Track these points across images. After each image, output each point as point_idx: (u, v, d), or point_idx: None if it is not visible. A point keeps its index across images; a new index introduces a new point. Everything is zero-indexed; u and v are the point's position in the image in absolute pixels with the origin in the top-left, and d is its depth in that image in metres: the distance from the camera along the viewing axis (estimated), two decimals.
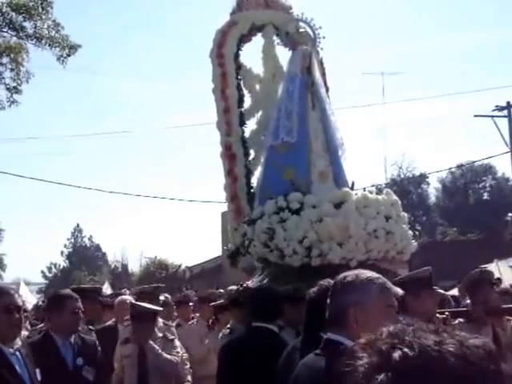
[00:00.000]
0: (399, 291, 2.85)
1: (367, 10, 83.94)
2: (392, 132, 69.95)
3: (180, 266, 33.68)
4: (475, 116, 28.95)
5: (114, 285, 29.20)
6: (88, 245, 70.78)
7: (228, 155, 7.88)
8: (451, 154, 61.74)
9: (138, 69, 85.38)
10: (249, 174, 7.94)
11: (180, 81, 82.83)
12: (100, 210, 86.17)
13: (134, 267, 46.83)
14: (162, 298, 7.18)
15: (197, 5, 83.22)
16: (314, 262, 6.44)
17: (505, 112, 27.43)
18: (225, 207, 8.37)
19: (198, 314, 7.76)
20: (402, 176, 56.48)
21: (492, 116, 27.68)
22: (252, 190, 7.82)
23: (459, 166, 50.81)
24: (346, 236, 6.52)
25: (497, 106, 27.50)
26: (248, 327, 4.93)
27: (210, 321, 7.10)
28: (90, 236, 70.08)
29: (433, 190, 60.32)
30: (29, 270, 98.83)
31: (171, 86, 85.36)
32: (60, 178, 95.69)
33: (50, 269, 66.62)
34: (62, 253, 67.86)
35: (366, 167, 51.14)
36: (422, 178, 54.07)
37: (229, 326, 5.87)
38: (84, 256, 66.32)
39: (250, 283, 7.01)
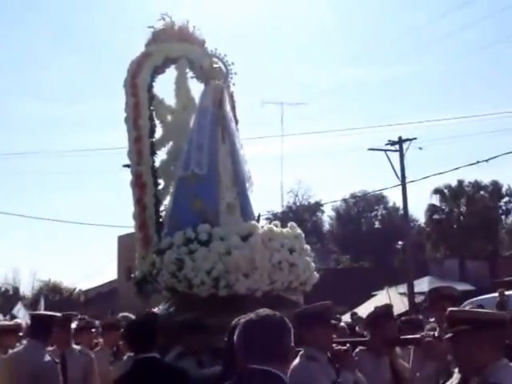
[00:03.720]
0: None
1: (271, 39, 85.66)
2: (289, 160, 71.29)
3: (74, 290, 33.03)
4: (369, 149, 30.20)
5: (3, 308, 28.24)
6: None
7: (138, 184, 7.99)
8: (346, 183, 63.65)
9: (38, 88, 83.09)
10: (158, 203, 8.07)
11: (79, 103, 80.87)
12: None
13: (26, 290, 45.49)
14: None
15: (107, 27, 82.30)
16: (221, 293, 6.65)
17: (397, 147, 28.76)
18: (122, 231, 8.46)
19: (101, 341, 7.77)
20: (298, 204, 57.64)
21: (385, 150, 28.99)
22: (161, 220, 7.96)
23: (353, 196, 52.45)
24: (251, 268, 6.77)
25: (389, 141, 28.83)
26: (135, 359, 5.01)
27: (115, 348, 7.15)
28: None
29: (327, 218, 61.87)
30: None
31: (71, 108, 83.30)
32: None
33: None
34: None
35: (263, 194, 51.74)
36: (317, 206, 55.34)
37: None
38: None
39: (156, 310, 7.15)
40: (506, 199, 57.57)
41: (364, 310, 19.16)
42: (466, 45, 67.44)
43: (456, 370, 3.81)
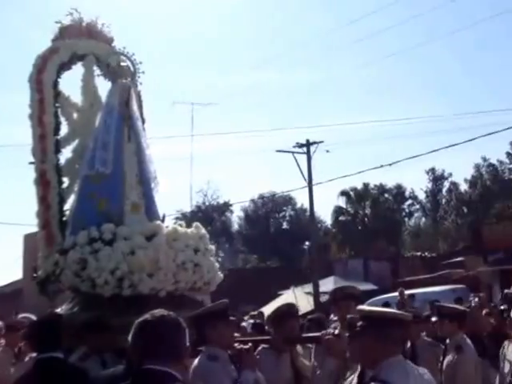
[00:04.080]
0: None
1: (184, 39, 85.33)
2: (199, 160, 71.29)
3: None
4: (277, 151, 30.59)
5: None
6: None
7: (42, 182, 7.83)
8: (255, 184, 64.14)
9: None
10: (62, 202, 7.93)
11: None
12: None
13: None
14: None
15: (13, 20, 79.73)
16: (125, 293, 6.63)
17: (304, 149, 29.28)
18: (28, 229, 8.29)
19: (2, 342, 7.59)
20: (207, 203, 57.65)
21: (292, 152, 29.47)
22: (64, 218, 7.83)
23: (261, 197, 52.90)
24: (156, 268, 6.78)
25: (297, 143, 29.32)
26: (36, 359, 4.95)
27: (17, 349, 7.02)
28: None
29: (236, 218, 62.16)
30: None
31: None
32: None
33: None
34: None
35: (172, 194, 51.51)
36: (226, 206, 55.51)
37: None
38: None
39: (60, 310, 7.05)
40: (409, 202, 59.50)
41: (271, 309, 19.39)
42: (378, 50, 69.20)
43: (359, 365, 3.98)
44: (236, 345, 5.07)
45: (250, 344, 5.16)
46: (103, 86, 8.47)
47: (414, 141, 77.44)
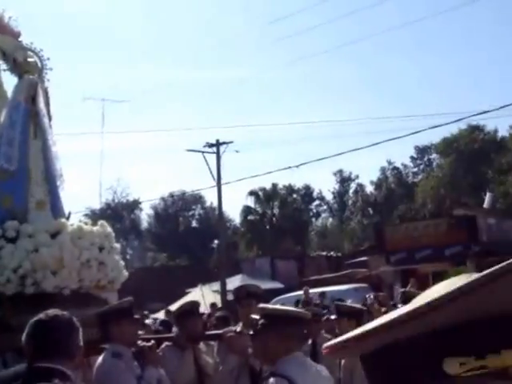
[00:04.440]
0: None
1: (98, 35, 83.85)
2: (109, 157, 70.22)
3: None
4: (187, 150, 30.68)
5: None
6: None
7: None
8: (165, 183, 63.86)
9: None
10: None
11: None
12: None
13: None
14: None
15: None
16: (28, 291, 6.56)
17: (214, 149, 29.50)
18: None
19: None
20: (117, 201, 56.99)
21: (202, 152, 29.62)
22: None
23: (171, 195, 52.75)
24: (59, 266, 6.75)
25: (207, 143, 29.50)
26: None
27: None
28: None
29: (145, 216, 61.71)
30: None
31: None
32: None
33: None
34: None
35: (82, 191, 50.66)
36: (136, 203, 55.05)
37: None
38: None
39: None
40: (316, 202, 60.65)
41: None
42: (299, 50, 70.01)
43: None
44: (139, 342, 5.16)
45: (152, 341, 5.25)
46: (10, 82, 8.34)
47: (325, 143, 78.96)
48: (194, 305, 6.13)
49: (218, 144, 29.61)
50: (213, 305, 19.21)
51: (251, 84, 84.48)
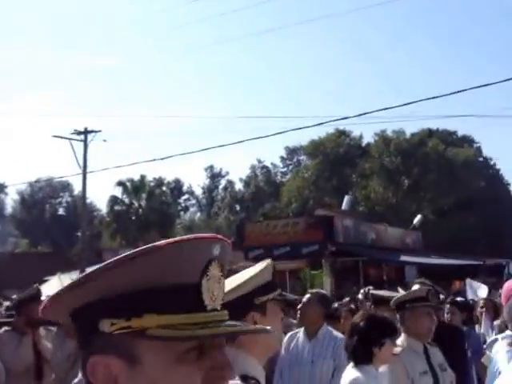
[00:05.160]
0: None
1: None
2: None
3: None
4: (54, 136, 30.29)
5: None
6: None
7: None
8: (33, 168, 62.22)
9: None
10: None
11: None
12: None
13: None
14: None
15: None
16: None
17: (82, 137, 29.39)
18: None
19: None
20: None
21: (69, 139, 29.42)
22: None
23: (38, 181, 51.53)
24: None
25: (75, 130, 29.36)
26: None
27: None
28: None
29: (11, 201, 59.92)
30: None
31: None
32: None
33: None
34: None
35: None
36: (0, 188, 53.38)
37: None
38: None
39: None
40: (185, 196, 61.15)
41: None
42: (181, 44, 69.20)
43: None
44: None
45: None
46: None
47: (198, 138, 79.27)
48: (35, 290, 6.17)
49: (86, 132, 29.49)
50: None
51: (124, 73, 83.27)
